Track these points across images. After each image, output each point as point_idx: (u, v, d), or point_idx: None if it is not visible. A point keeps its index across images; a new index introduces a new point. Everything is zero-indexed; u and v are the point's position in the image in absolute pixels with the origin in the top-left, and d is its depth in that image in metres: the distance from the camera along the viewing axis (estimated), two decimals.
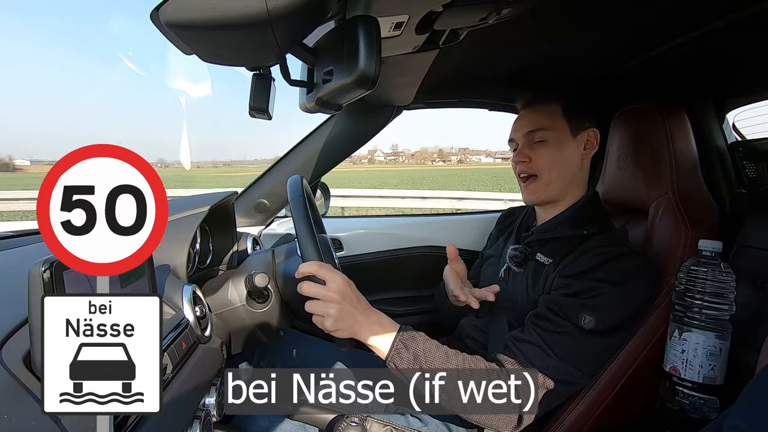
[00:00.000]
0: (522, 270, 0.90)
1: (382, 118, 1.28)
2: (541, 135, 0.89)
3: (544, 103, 0.90)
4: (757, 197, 0.97)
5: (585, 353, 0.76)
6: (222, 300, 0.85)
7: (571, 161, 0.90)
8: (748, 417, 0.41)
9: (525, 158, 0.90)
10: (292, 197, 0.82)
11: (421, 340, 0.73)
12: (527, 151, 0.90)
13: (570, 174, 0.90)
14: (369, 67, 0.50)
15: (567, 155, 0.89)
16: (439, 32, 0.69)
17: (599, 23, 0.82)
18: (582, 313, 0.75)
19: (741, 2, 0.68)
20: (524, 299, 0.86)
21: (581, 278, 0.78)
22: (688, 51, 0.87)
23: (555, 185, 0.90)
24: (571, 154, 0.89)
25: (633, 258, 0.79)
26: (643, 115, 0.99)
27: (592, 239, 0.83)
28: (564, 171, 0.89)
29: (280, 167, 1.33)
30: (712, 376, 0.76)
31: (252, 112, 0.60)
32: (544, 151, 0.89)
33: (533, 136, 0.90)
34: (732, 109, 1.08)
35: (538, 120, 0.89)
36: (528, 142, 0.91)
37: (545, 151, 0.89)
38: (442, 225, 1.47)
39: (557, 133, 0.88)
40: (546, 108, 0.90)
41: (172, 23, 0.44)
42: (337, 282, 0.70)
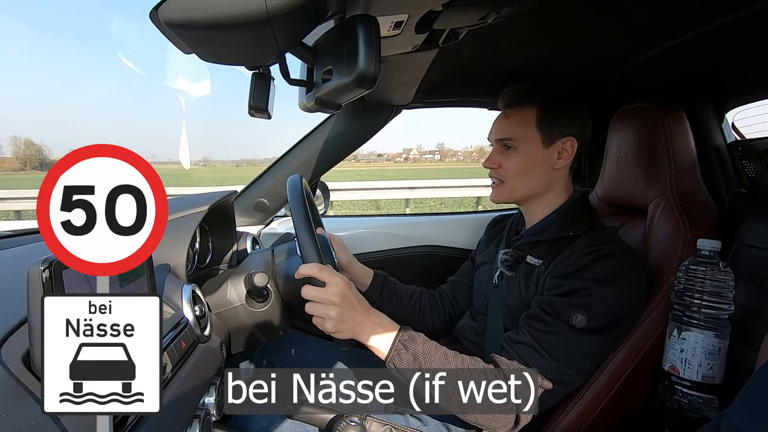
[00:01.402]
0: (514, 274, 0.90)
1: (381, 117, 1.28)
2: (511, 142, 0.89)
3: (520, 106, 0.89)
4: (756, 196, 0.97)
5: (578, 352, 0.77)
6: (221, 299, 0.85)
7: (540, 171, 0.89)
8: (747, 415, 0.41)
9: (494, 164, 0.91)
10: (291, 196, 0.82)
11: (421, 340, 0.73)
12: (498, 157, 0.91)
13: (538, 183, 0.90)
14: (368, 66, 0.50)
15: (535, 165, 0.88)
16: (438, 31, 0.69)
17: (599, 23, 0.82)
18: (574, 313, 0.75)
19: (740, 2, 0.68)
20: (518, 302, 0.86)
21: (571, 278, 0.78)
22: (688, 51, 0.87)
23: (519, 192, 0.90)
24: (540, 165, 0.88)
25: (621, 256, 0.79)
26: (642, 115, 0.99)
27: (581, 239, 0.83)
28: (529, 180, 0.89)
29: (280, 166, 1.33)
30: (710, 375, 0.76)
31: (251, 111, 0.60)
32: (513, 160, 0.89)
33: (503, 141, 0.90)
34: (731, 109, 1.08)
35: (510, 129, 0.89)
36: (500, 147, 0.91)
37: (514, 160, 0.89)
38: (442, 224, 1.47)
39: (527, 144, 0.88)
40: (521, 114, 0.89)
41: (171, 22, 0.44)
42: (337, 284, 0.70)
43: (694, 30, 0.78)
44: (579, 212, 0.90)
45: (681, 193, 0.92)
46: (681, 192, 0.92)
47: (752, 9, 0.69)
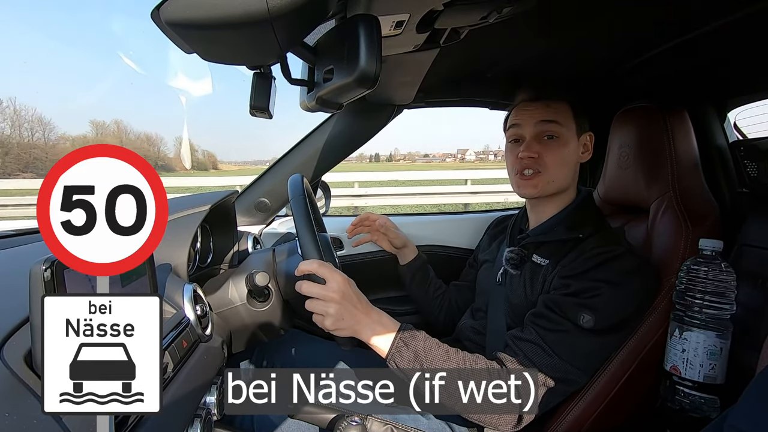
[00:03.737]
0: (519, 272, 0.89)
1: (382, 117, 1.27)
2: (554, 129, 0.87)
3: (557, 97, 0.89)
4: (758, 196, 0.97)
5: (584, 352, 0.77)
6: (223, 299, 0.85)
7: (573, 164, 0.89)
8: (750, 418, 0.41)
9: (534, 153, 0.87)
10: (292, 196, 0.82)
11: (422, 338, 0.73)
12: (537, 146, 0.87)
13: (570, 175, 0.90)
14: (370, 66, 0.50)
15: (571, 157, 0.88)
16: (439, 31, 0.69)
17: (600, 22, 0.81)
18: (581, 313, 0.75)
19: (741, 2, 0.68)
20: (522, 300, 0.86)
21: (580, 278, 0.78)
22: (689, 50, 0.87)
23: (556, 184, 0.88)
24: (574, 157, 0.89)
25: (631, 258, 0.79)
26: (643, 115, 0.98)
27: (589, 240, 0.83)
28: (566, 172, 0.89)
29: (281, 166, 1.33)
30: (712, 375, 0.76)
31: (252, 111, 0.60)
32: (555, 149, 0.87)
33: (545, 128, 0.87)
34: (733, 108, 1.08)
35: (552, 113, 0.87)
36: (538, 136, 0.88)
37: (556, 149, 0.87)
38: (443, 224, 1.47)
39: (568, 132, 0.87)
40: (559, 104, 0.88)
41: (172, 22, 0.44)
42: (337, 281, 0.70)
43: (696, 29, 0.78)
44: (585, 213, 0.90)
45: (683, 193, 0.92)
46: (683, 192, 0.92)
47: (753, 9, 0.69)
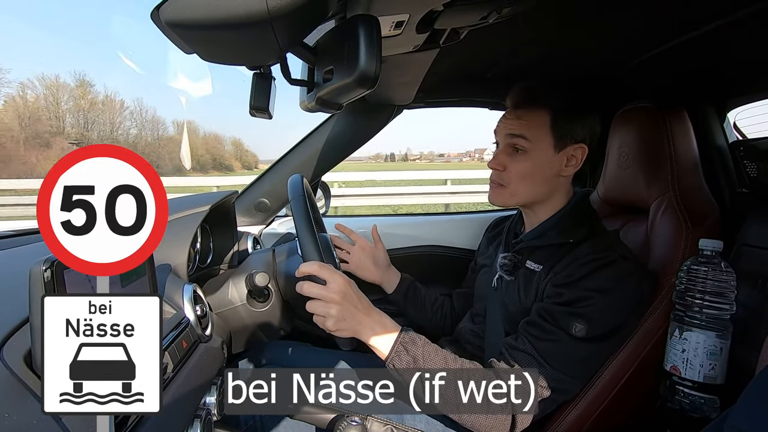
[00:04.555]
0: (513, 278, 0.88)
1: (382, 117, 1.28)
2: (521, 144, 0.84)
3: (533, 108, 0.84)
4: (757, 196, 0.97)
5: (576, 360, 0.76)
6: (222, 299, 0.85)
7: (545, 178, 0.85)
8: (750, 418, 0.41)
9: (499, 166, 0.86)
10: (292, 196, 0.82)
11: (421, 343, 0.73)
12: (504, 158, 0.86)
13: (540, 189, 0.86)
14: (369, 66, 0.50)
15: (543, 170, 0.85)
16: (439, 31, 0.69)
17: (600, 22, 0.81)
18: (573, 322, 0.74)
19: (741, 2, 0.68)
20: (517, 307, 0.85)
21: (572, 287, 0.77)
22: (689, 50, 0.87)
23: (519, 197, 0.87)
24: (549, 170, 0.85)
25: (623, 264, 0.78)
26: (643, 115, 0.98)
27: (582, 246, 0.81)
28: (532, 186, 0.85)
29: (281, 166, 1.33)
30: (712, 375, 0.75)
31: (252, 111, 0.60)
32: (521, 163, 0.84)
33: (512, 142, 0.85)
34: (733, 108, 1.08)
35: (522, 127, 0.84)
36: (508, 147, 0.86)
37: (522, 163, 0.84)
38: (443, 224, 1.47)
39: (539, 147, 0.83)
40: (534, 115, 0.84)
41: (172, 22, 0.44)
42: (337, 282, 0.70)
43: (696, 30, 0.78)
44: (579, 216, 0.87)
45: (683, 193, 0.91)
46: (683, 192, 0.92)
47: (753, 9, 0.69)
